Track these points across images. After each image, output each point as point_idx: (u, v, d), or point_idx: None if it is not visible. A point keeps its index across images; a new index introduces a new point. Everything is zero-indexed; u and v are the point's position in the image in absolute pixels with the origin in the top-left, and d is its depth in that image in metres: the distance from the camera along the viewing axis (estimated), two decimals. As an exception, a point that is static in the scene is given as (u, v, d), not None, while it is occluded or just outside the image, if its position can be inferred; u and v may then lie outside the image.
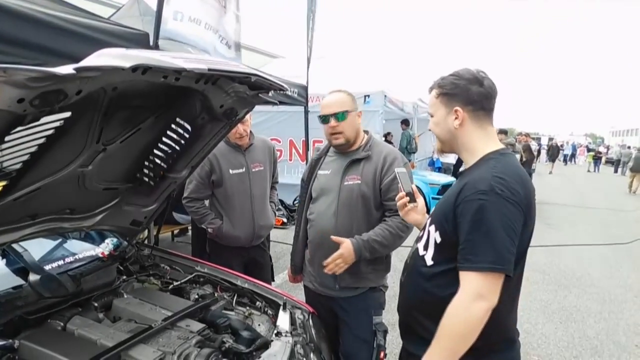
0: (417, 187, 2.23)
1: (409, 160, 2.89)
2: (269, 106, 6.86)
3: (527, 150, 12.83)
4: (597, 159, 32.52)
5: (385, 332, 2.58)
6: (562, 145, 37.58)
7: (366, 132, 2.67)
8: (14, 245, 2.26)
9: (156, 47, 3.88)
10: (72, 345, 1.84)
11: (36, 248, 2.42)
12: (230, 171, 3.27)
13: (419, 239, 1.91)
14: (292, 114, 8.97)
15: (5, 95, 1.28)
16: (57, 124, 1.72)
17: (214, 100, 2.21)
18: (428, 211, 2.14)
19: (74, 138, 1.87)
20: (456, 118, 1.76)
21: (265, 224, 3.48)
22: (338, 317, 2.65)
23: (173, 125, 2.31)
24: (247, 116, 3.25)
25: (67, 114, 1.70)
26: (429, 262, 1.76)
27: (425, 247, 1.80)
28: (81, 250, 2.64)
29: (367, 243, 2.43)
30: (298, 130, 8.30)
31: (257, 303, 2.61)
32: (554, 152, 29.05)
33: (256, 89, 2.22)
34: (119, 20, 4.53)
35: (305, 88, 7.13)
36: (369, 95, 9.49)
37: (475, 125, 1.77)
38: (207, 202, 3.45)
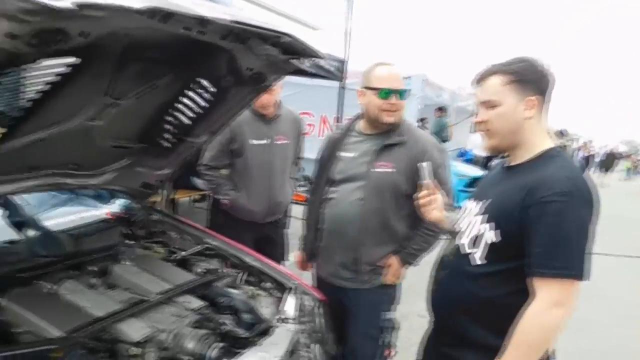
0: None
1: None
2: (306, 79, 6.58)
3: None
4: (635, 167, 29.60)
5: (395, 328, 2.42)
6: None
7: None
8: (16, 198, 2.14)
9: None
10: (59, 312, 1.70)
11: (40, 202, 2.31)
12: (252, 141, 3.09)
13: (460, 235, 1.77)
14: (329, 89, 8.66)
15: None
16: (63, 69, 1.56)
17: (242, 62, 2.03)
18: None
19: (81, 88, 1.71)
20: (529, 108, 1.61)
21: (282, 200, 3.31)
22: (347, 309, 2.47)
23: (192, 85, 2.14)
24: (277, 86, 3.05)
25: (74, 60, 1.54)
26: (477, 261, 1.66)
27: (473, 245, 1.69)
28: (87, 208, 2.52)
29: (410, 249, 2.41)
30: (332, 106, 8.01)
31: (263, 284, 2.46)
32: (609, 161, 23.71)
33: (289, 54, 2.02)
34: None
35: (343, 62, 6.89)
36: (409, 77, 9.10)
37: (541, 118, 1.65)
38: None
